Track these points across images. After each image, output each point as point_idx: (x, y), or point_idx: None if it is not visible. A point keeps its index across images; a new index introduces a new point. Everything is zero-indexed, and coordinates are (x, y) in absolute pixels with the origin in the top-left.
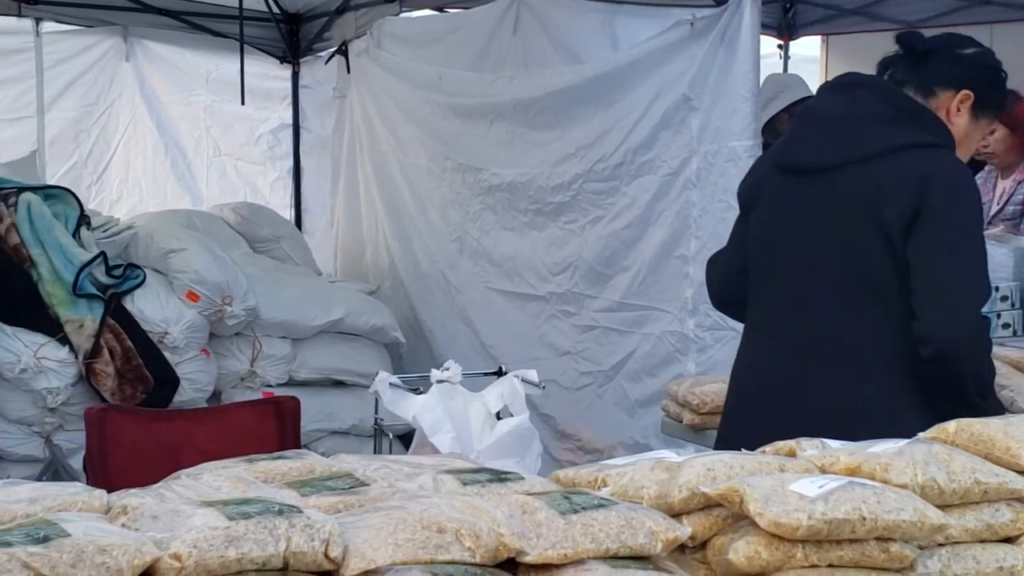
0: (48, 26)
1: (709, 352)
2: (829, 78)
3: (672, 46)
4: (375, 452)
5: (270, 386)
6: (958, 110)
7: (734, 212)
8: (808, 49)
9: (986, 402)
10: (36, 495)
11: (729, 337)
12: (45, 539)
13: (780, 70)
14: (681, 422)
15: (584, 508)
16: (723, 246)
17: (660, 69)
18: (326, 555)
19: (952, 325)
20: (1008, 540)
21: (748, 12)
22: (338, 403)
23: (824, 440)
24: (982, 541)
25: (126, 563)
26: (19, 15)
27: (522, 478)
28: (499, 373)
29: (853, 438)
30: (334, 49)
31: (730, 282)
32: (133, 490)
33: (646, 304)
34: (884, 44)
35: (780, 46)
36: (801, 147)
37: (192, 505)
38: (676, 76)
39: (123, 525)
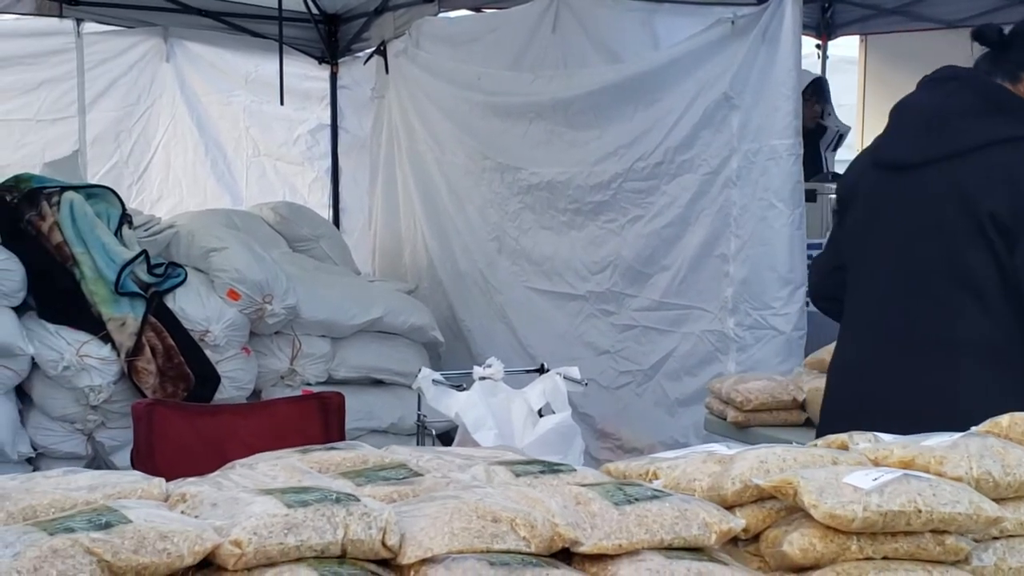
0: (89, 27)
1: (749, 351)
2: (868, 78)
3: (713, 44)
4: None
5: (309, 384)
6: None
7: (775, 211)
8: (847, 49)
9: None
10: (96, 483)
11: (769, 336)
12: (107, 525)
13: (818, 70)
14: (724, 419)
15: (638, 499)
16: (769, 245)
17: (701, 68)
18: (383, 543)
19: None
20: None
21: (789, 10)
22: (377, 402)
23: (876, 434)
24: None
25: (187, 549)
26: (60, 16)
27: (574, 469)
28: (541, 370)
29: None
30: (372, 49)
31: (824, 278)
32: (191, 479)
33: (686, 303)
34: (924, 44)
35: (818, 46)
36: (894, 143)
37: (250, 493)
38: (717, 74)
39: (182, 512)
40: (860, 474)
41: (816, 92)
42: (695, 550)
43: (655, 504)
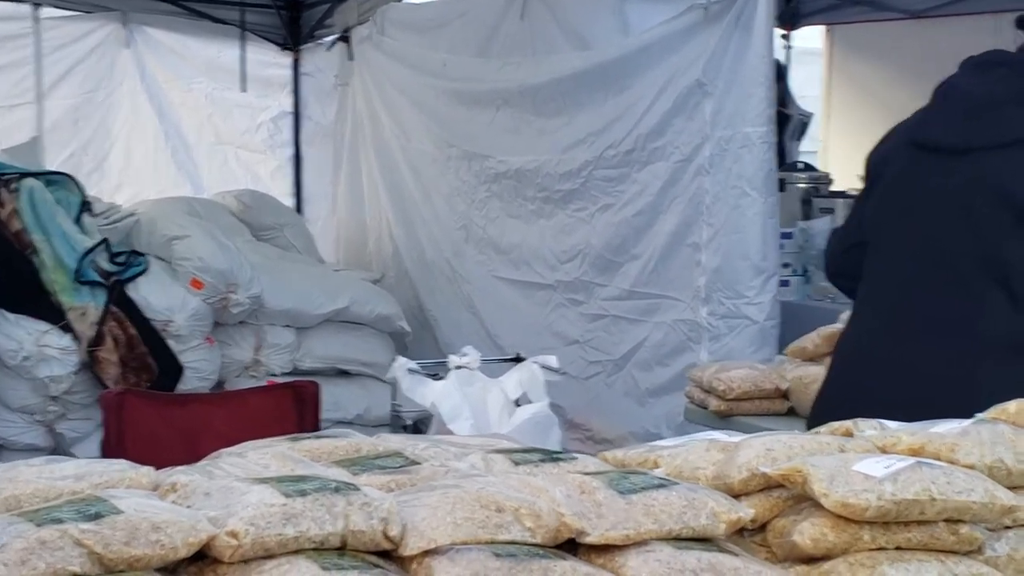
0: (47, 11)
1: (722, 340)
2: (833, 69)
3: (685, 31)
4: None
5: (274, 375)
6: None
7: (748, 199)
8: (811, 41)
9: None
10: (82, 472)
11: (743, 326)
12: (97, 516)
13: (782, 61)
14: (706, 409)
15: (644, 488)
16: (742, 233)
17: (673, 54)
18: (385, 534)
19: None
20: None
21: None
22: (343, 393)
23: (881, 420)
24: None
25: (180, 541)
26: (18, 0)
27: (575, 458)
28: (517, 359)
29: None
30: (336, 36)
31: (842, 254)
32: (180, 467)
33: (657, 292)
34: (889, 34)
35: (784, 36)
36: (938, 125)
37: (245, 482)
38: (689, 61)
39: (173, 503)
40: (870, 461)
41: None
42: (703, 540)
43: (662, 493)
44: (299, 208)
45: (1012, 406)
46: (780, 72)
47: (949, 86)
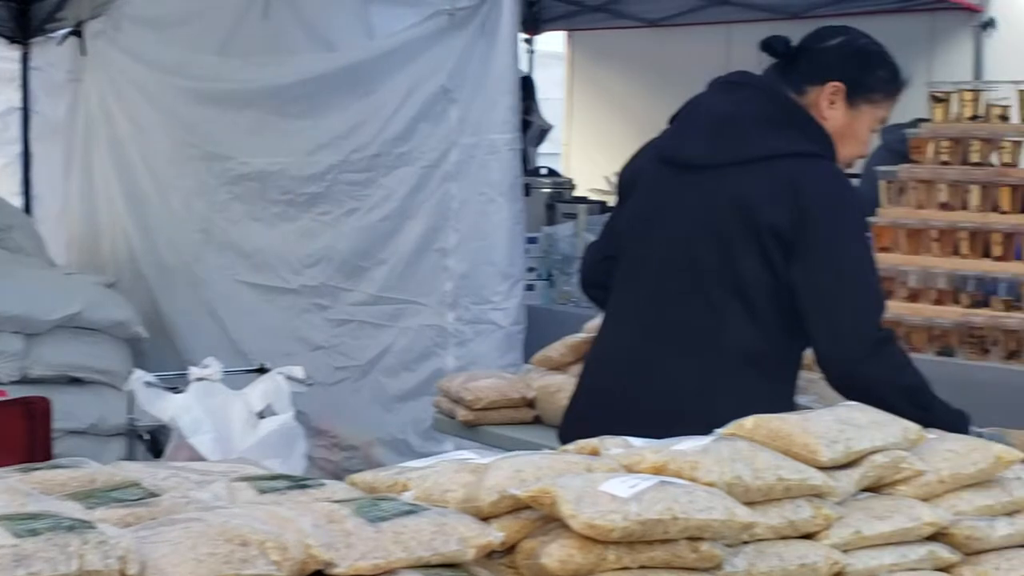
0: None
1: (469, 346)
2: (575, 74)
3: (430, 36)
4: (128, 455)
5: (2, 384)
6: (830, 103)
7: (494, 205)
8: (552, 45)
9: (930, 412)
10: None
11: (489, 331)
12: None
13: (525, 65)
14: (454, 418)
15: (393, 515)
16: (488, 239)
17: (418, 59)
18: (122, 573)
19: (849, 347)
20: (807, 536)
21: (507, 4)
22: (75, 401)
23: (627, 438)
24: (784, 538)
25: None
26: None
27: (323, 484)
28: (261, 370)
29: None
30: (68, 30)
31: (594, 266)
32: None
33: (404, 297)
34: (628, 41)
35: (527, 40)
36: (683, 141)
37: None
38: (435, 67)
39: None
40: (616, 481)
41: (523, 88)
42: (453, 566)
43: (412, 519)
44: (27, 208)
45: (749, 422)
46: (530, 88)
47: (695, 104)
